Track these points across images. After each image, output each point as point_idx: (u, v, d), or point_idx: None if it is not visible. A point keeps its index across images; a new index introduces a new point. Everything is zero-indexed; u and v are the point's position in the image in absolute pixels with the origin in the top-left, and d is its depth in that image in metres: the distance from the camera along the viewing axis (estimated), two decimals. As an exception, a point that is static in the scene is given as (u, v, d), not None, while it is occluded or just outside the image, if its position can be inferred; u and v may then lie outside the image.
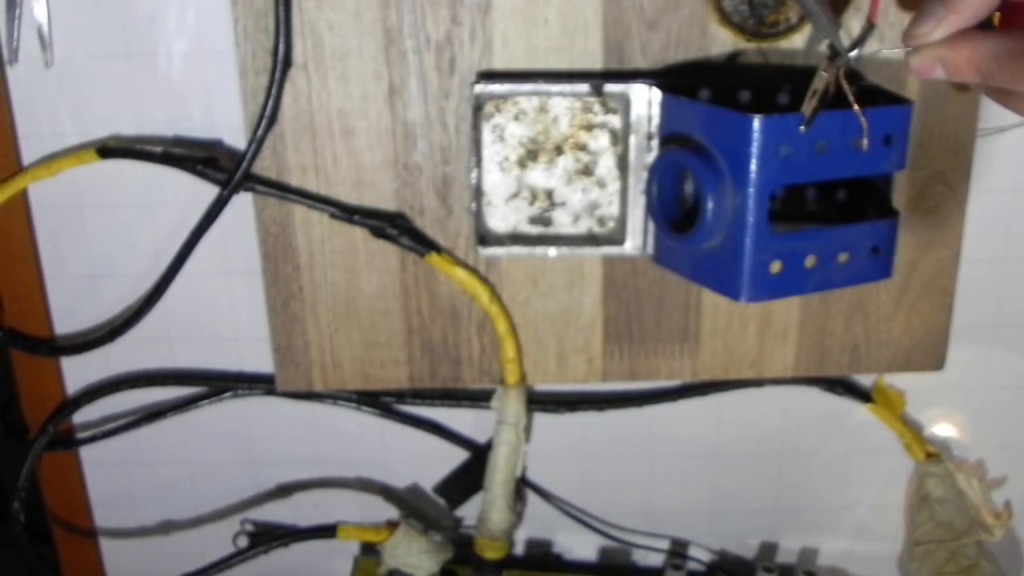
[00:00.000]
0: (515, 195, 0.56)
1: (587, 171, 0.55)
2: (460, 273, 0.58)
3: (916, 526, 0.65)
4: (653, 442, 0.66)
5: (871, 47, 0.53)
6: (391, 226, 0.57)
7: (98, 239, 0.61)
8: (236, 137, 0.58)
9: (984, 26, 0.41)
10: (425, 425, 0.65)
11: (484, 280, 0.59)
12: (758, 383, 0.64)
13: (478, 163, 0.55)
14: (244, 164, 0.55)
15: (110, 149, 0.57)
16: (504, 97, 0.54)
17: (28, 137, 0.58)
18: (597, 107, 0.54)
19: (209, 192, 0.57)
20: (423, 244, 0.57)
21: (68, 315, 0.63)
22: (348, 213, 0.57)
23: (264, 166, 0.56)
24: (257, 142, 0.55)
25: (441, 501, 0.67)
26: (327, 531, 0.65)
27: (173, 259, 0.59)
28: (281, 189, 0.56)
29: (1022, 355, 0.64)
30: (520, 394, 0.61)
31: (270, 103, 0.54)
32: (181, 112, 0.58)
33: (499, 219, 0.56)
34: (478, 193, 0.56)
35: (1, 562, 0.91)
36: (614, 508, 0.68)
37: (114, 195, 0.59)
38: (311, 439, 0.66)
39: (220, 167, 0.57)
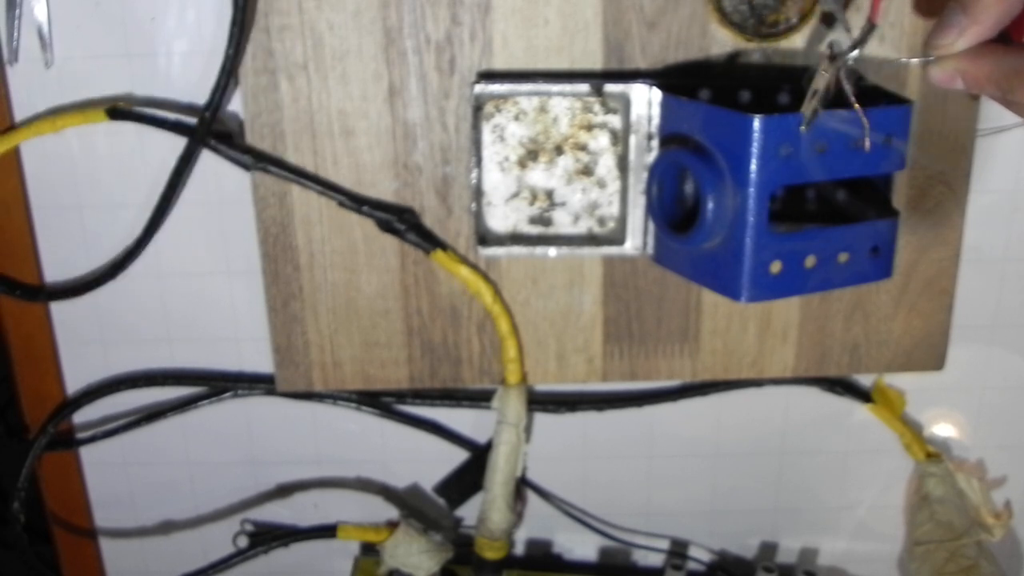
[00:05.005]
0: (515, 195, 0.56)
1: (587, 171, 0.55)
2: (464, 271, 0.58)
3: (916, 526, 0.65)
4: (653, 442, 0.66)
5: (879, 52, 0.53)
6: (399, 220, 0.56)
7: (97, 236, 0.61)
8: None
9: (1003, 39, 0.42)
10: (425, 425, 0.65)
11: (487, 279, 0.59)
12: (758, 383, 0.64)
13: (478, 163, 0.55)
14: (216, 100, 0.54)
15: (120, 111, 0.56)
16: (504, 97, 0.54)
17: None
18: (597, 107, 0.54)
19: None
20: (429, 241, 0.57)
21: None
22: (357, 203, 0.56)
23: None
24: (227, 72, 0.53)
25: (441, 501, 0.67)
26: (327, 531, 0.65)
27: (155, 210, 0.58)
28: (290, 171, 0.56)
29: (1022, 355, 0.64)
30: (521, 394, 0.60)
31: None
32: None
33: (499, 219, 0.56)
34: (478, 193, 0.56)
35: (1, 562, 0.91)
36: (614, 508, 0.68)
37: (114, 195, 0.59)
38: (311, 439, 0.66)
39: (234, 143, 0.56)
